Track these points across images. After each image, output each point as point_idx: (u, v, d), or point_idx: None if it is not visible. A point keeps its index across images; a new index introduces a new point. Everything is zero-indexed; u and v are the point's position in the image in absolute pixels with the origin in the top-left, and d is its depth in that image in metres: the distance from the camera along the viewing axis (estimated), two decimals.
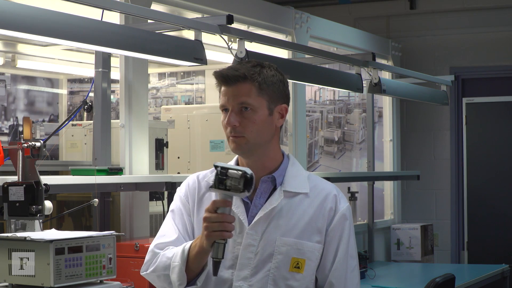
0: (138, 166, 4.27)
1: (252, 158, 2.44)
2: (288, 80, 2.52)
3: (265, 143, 2.43)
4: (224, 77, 2.40)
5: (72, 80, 6.94)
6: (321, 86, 7.06)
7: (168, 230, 2.49)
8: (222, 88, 2.42)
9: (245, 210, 2.42)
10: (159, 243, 2.49)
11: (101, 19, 3.58)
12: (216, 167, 2.25)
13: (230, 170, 2.23)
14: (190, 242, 2.38)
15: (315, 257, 2.42)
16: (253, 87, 2.39)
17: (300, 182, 2.46)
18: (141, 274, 2.50)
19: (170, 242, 2.45)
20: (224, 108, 2.42)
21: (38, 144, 3.17)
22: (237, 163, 2.49)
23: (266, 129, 2.43)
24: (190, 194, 2.50)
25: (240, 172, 2.23)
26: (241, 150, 2.41)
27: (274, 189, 2.44)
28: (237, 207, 2.42)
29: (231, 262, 2.41)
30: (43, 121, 6.84)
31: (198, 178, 2.53)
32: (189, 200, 2.50)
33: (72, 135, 5.15)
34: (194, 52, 3.62)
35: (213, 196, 2.46)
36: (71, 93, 6.97)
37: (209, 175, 2.52)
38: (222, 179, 2.23)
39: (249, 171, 2.23)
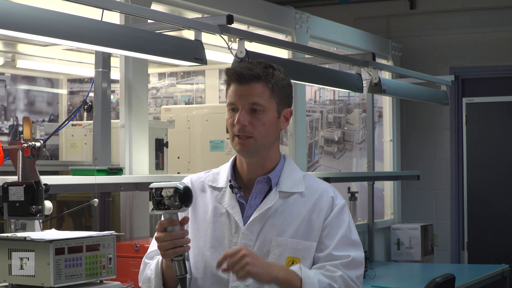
0: (138, 166, 4.27)
1: (254, 159, 2.44)
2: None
3: (270, 145, 2.44)
4: (238, 75, 2.38)
5: (72, 80, 6.94)
6: (321, 86, 7.06)
7: None
8: (233, 86, 2.40)
9: (240, 210, 2.42)
10: (149, 252, 2.51)
11: (101, 19, 3.58)
12: (150, 189, 2.23)
13: (163, 189, 2.21)
14: None
15: (310, 255, 2.40)
16: (267, 89, 2.40)
17: (295, 182, 2.46)
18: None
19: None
20: (232, 107, 2.41)
21: (38, 144, 3.17)
22: (235, 162, 2.50)
23: (273, 131, 2.43)
24: None
25: (172, 189, 2.20)
26: (247, 151, 2.41)
27: (270, 189, 2.44)
28: (232, 207, 2.42)
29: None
30: (43, 121, 6.84)
31: (192, 180, 2.53)
32: None
33: (72, 135, 5.15)
34: (194, 52, 3.62)
35: (207, 197, 2.46)
36: (71, 93, 6.97)
37: (203, 176, 2.52)
38: (159, 200, 2.22)
39: (181, 185, 2.21)
